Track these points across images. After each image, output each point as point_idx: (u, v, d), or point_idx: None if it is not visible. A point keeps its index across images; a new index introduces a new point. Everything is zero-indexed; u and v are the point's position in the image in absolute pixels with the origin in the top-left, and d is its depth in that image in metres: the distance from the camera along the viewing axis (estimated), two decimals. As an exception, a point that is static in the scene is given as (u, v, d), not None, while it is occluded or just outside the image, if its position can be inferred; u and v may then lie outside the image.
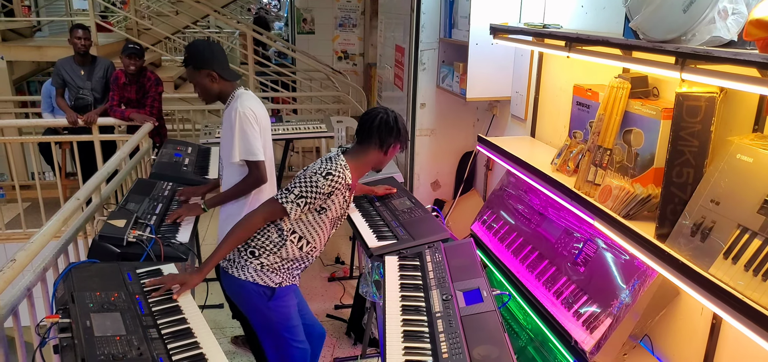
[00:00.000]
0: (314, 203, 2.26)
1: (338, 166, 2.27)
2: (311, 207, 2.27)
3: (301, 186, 2.25)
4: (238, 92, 2.72)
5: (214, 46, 2.77)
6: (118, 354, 1.70)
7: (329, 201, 2.29)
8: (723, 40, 1.70)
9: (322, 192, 2.24)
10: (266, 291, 2.39)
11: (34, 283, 2.26)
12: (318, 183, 2.23)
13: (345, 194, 2.34)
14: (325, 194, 2.25)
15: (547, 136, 3.19)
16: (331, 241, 5.14)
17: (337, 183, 2.25)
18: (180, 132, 7.68)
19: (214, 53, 2.70)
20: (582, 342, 2.13)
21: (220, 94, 2.73)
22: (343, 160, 2.31)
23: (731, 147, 1.66)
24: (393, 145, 2.40)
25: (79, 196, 2.81)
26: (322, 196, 2.25)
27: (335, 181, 2.25)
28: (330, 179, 2.24)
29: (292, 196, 2.24)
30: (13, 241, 4.81)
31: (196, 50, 2.69)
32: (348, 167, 2.31)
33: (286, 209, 2.24)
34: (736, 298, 1.44)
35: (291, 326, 2.50)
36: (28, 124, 6.16)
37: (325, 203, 2.29)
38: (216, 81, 2.68)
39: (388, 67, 5.08)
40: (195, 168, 3.71)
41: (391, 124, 2.36)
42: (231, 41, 11.46)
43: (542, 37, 2.63)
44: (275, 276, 2.39)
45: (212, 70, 2.66)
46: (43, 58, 7.15)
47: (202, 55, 2.67)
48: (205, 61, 2.66)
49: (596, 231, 2.31)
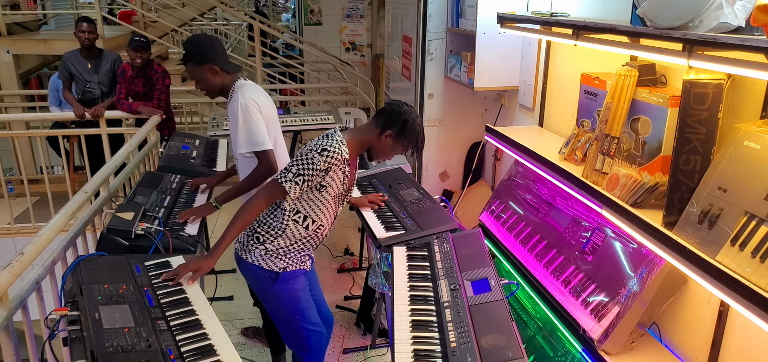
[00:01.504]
0: (312, 180, 2.25)
1: (334, 142, 2.25)
2: (310, 184, 2.26)
3: (298, 165, 2.24)
4: (238, 83, 2.71)
5: (214, 39, 2.76)
6: (126, 346, 1.72)
7: (328, 177, 2.27)
8: (730, 26, 1.68)
9: (318, 168, 2.23)
10: (271, 275, 2.42)
11: (42, 277, 2.28)
12: (313, 159, 2.22)
13: (344, 169, 2.31)
14: (322, 170, 2.23)
15: (555, 125, 3.17)
16: (340, 233, 5.20)
17: (333, 159, 2.23)
18: (188, 125, 7.72)
19: (215, 47, 2.69)
20: (590, 330, 2.13)
21: (222, 87, 2.72)
22: (340, 136, 2.30)
23: (739, 134, 1.65)
24: (391, 135, 2.34)
25: (86, 189, 2.83)
26: (320, 173, 2.24)
27: (330, 156, 2.23)
28: (325, 155, 2.22)
29: (290, 175, 2.24)
30: (23, 235, 4.85)
31: (197, 45, 2.68)
32: (345, 142, 2.28)
33: (285, 188, 2.23)
34: (743, 285, 1.44)
35: (300, 308, 2.51)
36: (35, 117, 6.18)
37: (324, 180, 2.28)
38: (218, 74, 2.68)
39: (396, 57, 5.06)
40: (203, 160, 3.72)
41: (402, 117, 2.33)
42: (238, 33, 11.47)
43: (550, 25, 2.61)
44: (280, 261, 2.41)
45: (214, 64, 2.65)
46: (50, 51, 7.16)
47: (204, 49, 2.66)
48: (206, 55, 2.64)
49: (604, 220, 2.30)
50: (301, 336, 2.57)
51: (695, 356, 2.09)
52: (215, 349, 1.80)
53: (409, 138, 2.36)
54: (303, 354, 2.64)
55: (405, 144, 2.37)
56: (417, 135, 2.36)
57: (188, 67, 2.69)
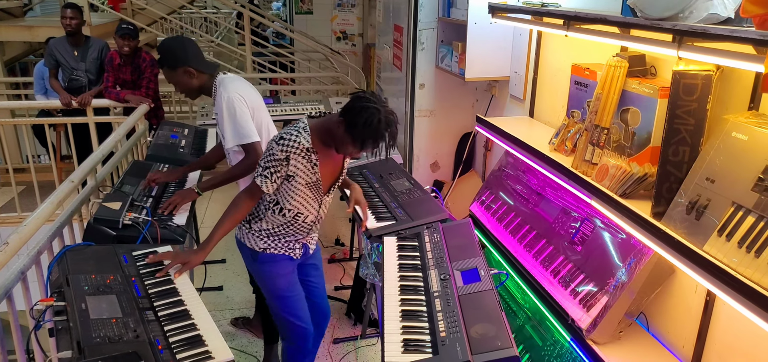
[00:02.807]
0: (278, 171, 2.22)
1: (293, 131, 2.21)
2: (277, 175, 2.23)
3: (265, 159, 2.23)
4: (219, 79, 2.68)
5: (185, 41, 2.73)
6: (114, 337, 1.70)
7: (291, 166, 2.22)
8: (720, 18, 1.69)
9: (278, 158, 2.20)
10: (252, 252, 2.46)
11: (28, 267, 2.25)
12: (272, 149, 2.21)
13: (309, 157, 2.24)
14: (281, 160, 2.20)
15: (545, 116, 3.18)
16: (331, 223, 5.19)
17: (290, 147, 2.18)
18: (177, 113, 7.65)
19: (187, 49, 2.65)
20: (579, 320, 2.15)
21: (201, 88, 2.70)
22: (304, 124, 2.25)
23: (727, 125, 1.66)
24: (343, 126, 2.14)
25: (73, 179, 2.79)
26: (280, 162, 2.20)
27: (287, 144, 2.18)
28: (282, 143, 2.19)
29: (260, 170, 2.24)
30: (8, 225, 4.79)
31: (169, 49, 2.66)
32: (307, 131, 2.23)
33: (258, 184, 2.25)
34: (730, 275, 1.45)
35: (279, 295, 2.50)
36: (20, 105, 6.10)
37: (288, 169, 2.23)
38: (194, 76, 2.65)
39: (387, 47, 5.04)
40: (192, 149, 3.69)
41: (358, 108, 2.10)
42: (228, 21, 11.37)
43: (540, 15, 2.61)
44: (261, 241, 2.42)
45: (188, 66, 2.62)
46: (35, 38, 7.02)
47: (175, 53, 2.63)
48: (178, 58, 2.62)
49: (593, 211, 2.31)
50: (282, 324, 2.58)
51: (681, 345, 2.11)
52: (204, 339, 1.79)
53: (364, 134, 2.10)
54: (285, 344, 2.65)
55: (357, 138, 2.12)
56: (373, 132, 2.09)
57: (164, 71, 2.68)
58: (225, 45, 9.40)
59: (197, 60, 2.65)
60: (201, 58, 2.70)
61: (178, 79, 2.66)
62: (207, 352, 1.73)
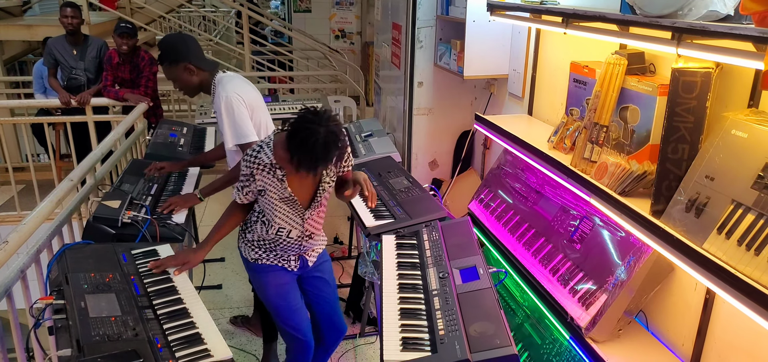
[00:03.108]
0: (247, 185, 2.21)
1: (256, 146, 2.18)
2: (247, 190, 2.23)
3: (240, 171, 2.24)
4: (218, 78, 2.68)
5: (187, 38, 2.74)
6: (113, 335, 1.70)
7: (258, 182, 2.18)
8: (719, 15, 1.68)
9: (244, 174, 2.20)
10: (246, 261, 2.47)
11: (27, 265, 2.26)
12: (242, 165, 2.21)
13: (275, 173, 2.15)
14: (247, 175, 2.19)
15: (544, 114, 3.17)
16: (330, 222, 5.18)
17: (252, 163, 2.15)
18: (175, 112, 7.64)
19: (188, 45, 2.66)
20: (578, 318, 2.15)
21: (201, 85, 2.71)
22: (269, 139, 2.18)
23: (726, 122, 1.66)
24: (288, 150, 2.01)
25: (72, 177, 2.79)
26: (247, 177, 2.19)
27: (250, 160, 2.16)
28: (247, 160, 2.17)
29: (236, 182, 2.27)
30: (7, 224, 4.79)
31: (170, 45, 2.66)
32: (270, 146, 2.14)
33: (233, 196, 2.30)
34: (729, 273, 1.45)
35: (273, 304, 2.49)
36: (20, 104, 6.08)
37: (256, 184, 2.19)
38: (194, 73, 2.66)
39: (385, 45, 5.04)
40: (190, 148, 3.69)
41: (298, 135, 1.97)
42: (227, 20, 11.36)
43: (539, 13, 2.61)
44: (252, 251, 2.42)
45: (188, 63, 2.63)
46: (34, 37, 7.01)
47: (176, 48, 2.64)
48: (179, 54, 2.62)
49: (592, 209, 2.31)
50: (281, 332, 2.60)
51: (681, 343, 2.11)
52: (203, 338, 1.79)
53: (300, 153, 1.97)
54: (287, 355, 2.66)
55: (293, 157, 1.99)
56: (309, 152, 1.95)
57: (164, 67, 2.68)
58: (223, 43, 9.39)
59: (198, 57, 2.66)
60: (201, 55, 2.71)
61: (178, 76, 2.66)
62: (206, 350, 1.74)
